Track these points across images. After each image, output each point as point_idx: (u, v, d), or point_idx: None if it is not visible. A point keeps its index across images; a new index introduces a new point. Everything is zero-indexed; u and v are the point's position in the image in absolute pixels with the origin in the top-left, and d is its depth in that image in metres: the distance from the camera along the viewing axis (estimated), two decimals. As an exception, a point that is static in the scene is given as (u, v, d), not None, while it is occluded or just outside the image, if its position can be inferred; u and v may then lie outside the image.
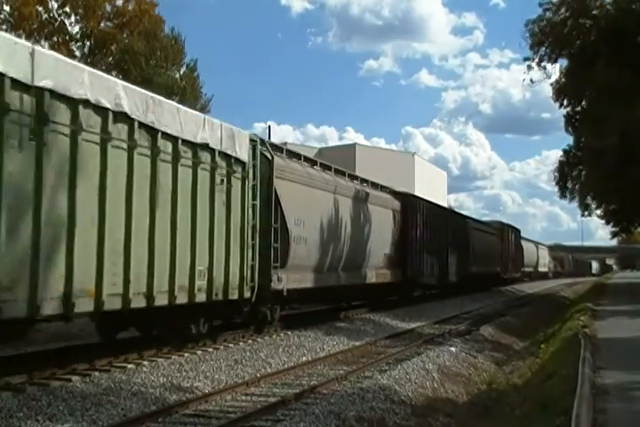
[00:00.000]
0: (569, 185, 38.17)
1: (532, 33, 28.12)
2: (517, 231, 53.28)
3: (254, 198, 13.16)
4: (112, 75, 19.29)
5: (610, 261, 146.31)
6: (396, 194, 24.00)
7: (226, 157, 12.09)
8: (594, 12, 27.48)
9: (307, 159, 17.50)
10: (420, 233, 25.12)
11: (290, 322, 15.84)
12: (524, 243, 56.58)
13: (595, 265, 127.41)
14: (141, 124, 9.80)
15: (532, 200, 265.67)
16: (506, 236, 46.40)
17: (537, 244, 70.23)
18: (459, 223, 33.34)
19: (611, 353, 11.56)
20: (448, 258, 29.42)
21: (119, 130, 9.40)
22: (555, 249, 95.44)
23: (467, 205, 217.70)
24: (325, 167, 18.49)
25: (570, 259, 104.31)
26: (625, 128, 25.78)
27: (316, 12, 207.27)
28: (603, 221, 48.85)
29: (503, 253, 44.54)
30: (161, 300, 10.08)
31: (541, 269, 71.14)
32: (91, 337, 12.46)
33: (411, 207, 24.46)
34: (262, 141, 14.18)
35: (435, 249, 26.94)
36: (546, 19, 28.12)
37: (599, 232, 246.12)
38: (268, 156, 14.13)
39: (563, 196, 38.65)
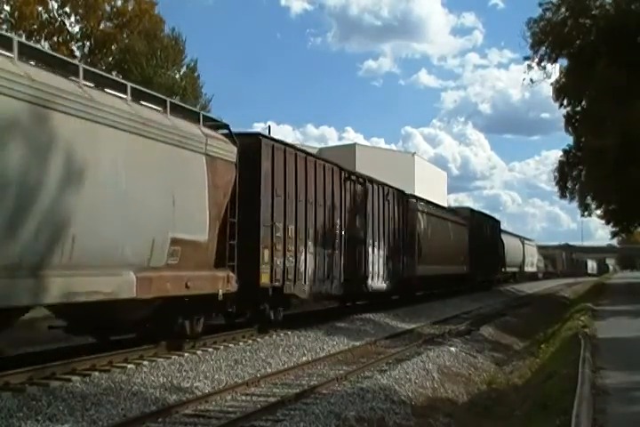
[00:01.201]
0: (569, 185, 38.14)
1: (533, 33, 28.20)
2: (495, 222, 44.34)
3: None
4: (112, 75, 19.32)
5: (610, 261, 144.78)
6: (227, 133, 12.69)
7: None
8: (594, 12, 27.55)
9: None
10: (298, 209, 14.84)
11: (290, 322, 15.84)
12: (505, 237, 47.57)
13: (591, 265, 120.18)
14: None
15: (532, 200, 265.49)
16: (477, 226, 36.63)
17: (523, 239, 61.90)
18: (393, 201, 22.00)
19: (611, 353, 11.56)
20: (367, 253, 19.34)
21: None
22: (546, 247, 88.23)
23: (466, 205, 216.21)
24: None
25: (563, 257, 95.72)
26: (625, 128, 25.78)
27: (316, 12, 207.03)
28: (603, 221, 48.80)
29: (472, 248, 34.17)
30: None
31: (529, 268, 62.60)
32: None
33: (271, 160, 13.68)
34: None
35: (337, 239, 17.12)
36: (546, 18, 28.19)
37: (599, 232, 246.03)
38: None
39: (563, 196, 38.63)
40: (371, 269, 19.70)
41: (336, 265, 17.23)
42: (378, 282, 20.30)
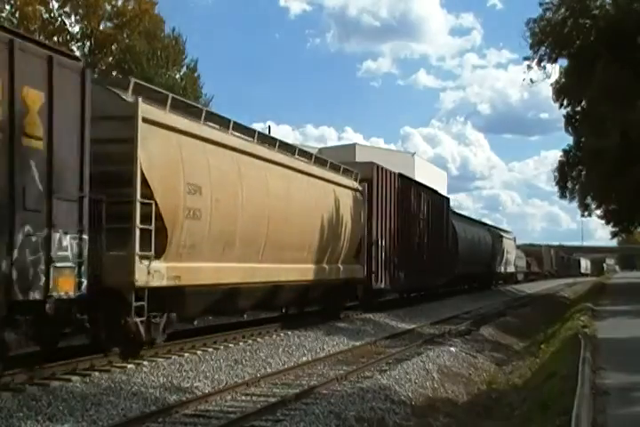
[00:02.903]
0: (569, 185, 38.09)
1: (532, 33, 28.13)
2: (441, 199, 29.27)
3: None
4: (112, 75, 19.32)
5: (610, 262, 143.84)
6: None
7: None
8: (594, 12, 27.47)
9: None
10: None
11: (290, 322, 15.84)
12: (459, 224, 32.94)
13: (585, 264, 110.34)
14: None
15: (532, 200, 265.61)
16: (384, 194, 20.75)
17: (494, 229, 46.23)
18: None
19: (611, 354, 11.55)
20: None
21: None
22: (533, 244, 79.05)
23: (466, 205, 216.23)
24: None
25: (552, 255, 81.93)
26: (625, 128, 25.77)
27: (315, 13, 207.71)
28: (603, 221, 48.66)
29: (371, 233, 19.63)
30: None
31: (504, 268, 46.96)
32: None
33: None
34: None
35: None
36: (546, 18, 28.12)
37: (599, 232, 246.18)
38: None
39: (563, 196, 38.58)
40: None
41: None
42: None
